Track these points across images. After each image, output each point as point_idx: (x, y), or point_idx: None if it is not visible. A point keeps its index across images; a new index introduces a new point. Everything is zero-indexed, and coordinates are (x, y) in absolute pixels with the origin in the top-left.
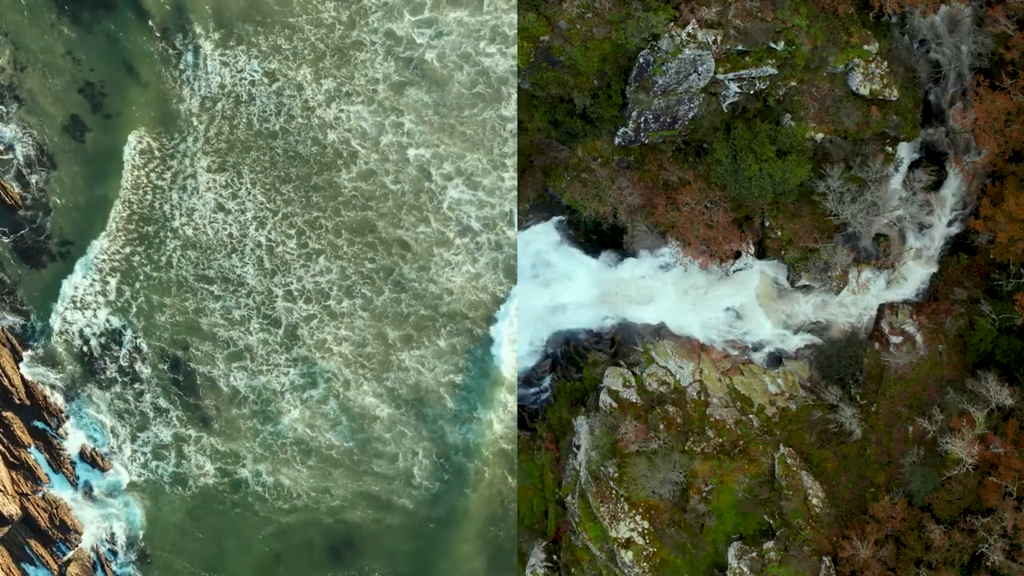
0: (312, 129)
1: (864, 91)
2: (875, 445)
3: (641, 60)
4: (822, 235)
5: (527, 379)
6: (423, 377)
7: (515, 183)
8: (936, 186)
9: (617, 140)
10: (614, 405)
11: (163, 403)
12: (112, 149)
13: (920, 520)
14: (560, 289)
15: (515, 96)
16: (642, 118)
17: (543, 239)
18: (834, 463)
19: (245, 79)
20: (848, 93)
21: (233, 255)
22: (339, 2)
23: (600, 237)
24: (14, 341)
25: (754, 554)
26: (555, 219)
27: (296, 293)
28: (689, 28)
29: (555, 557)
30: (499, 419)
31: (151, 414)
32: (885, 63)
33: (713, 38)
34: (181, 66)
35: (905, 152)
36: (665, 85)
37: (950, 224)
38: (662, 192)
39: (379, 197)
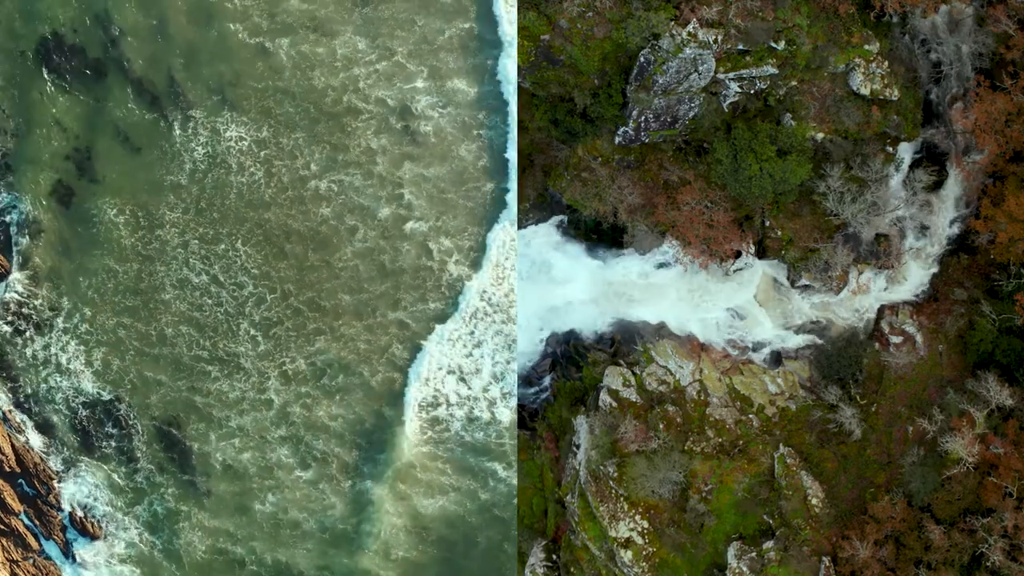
0: (305, 202)
1: (865, 91)
2: (875, 445)
3: (642, 59)
4: (822, 235)
5: (527, 378)
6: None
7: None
8: (936, 186)
9: (617, 139)
10: (614, 404)
11: (157, 477)
12: (98, 217)
13: (920, 520)
14: (560, 288)
15: (515, 100)
16: (642, 117)
17: (543, 238)
18: (834, 463)
19: (235, 148)
20: (849, 93)
21: (227, 332)
22: (328, 68)
23: (600, 236)
24: (3, 409)
25: (753, 554)
26: (555, 218)
27: (291, 373)
28: (690, 27)
29: (554, 556)
30: (497, 492)
31: (144, 486)
32: (886, 63)
33: (714, 37)
34: (170, 134)
35: (905, 152)
36: (666, 84)
37: (950, 224)
38: (662, 191)
39: (377, 277)
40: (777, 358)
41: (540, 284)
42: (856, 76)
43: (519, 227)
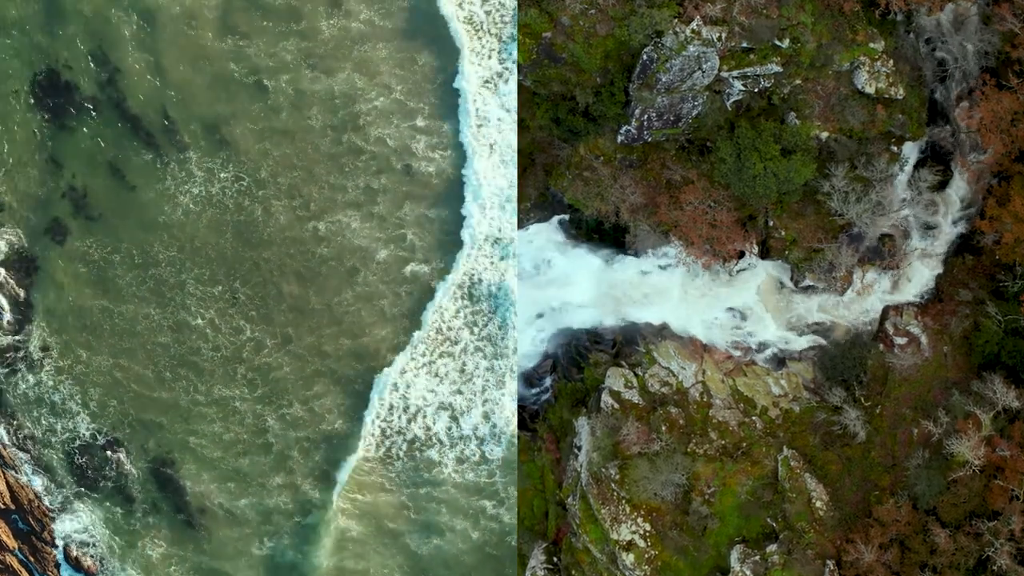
0: (305, 242)
1: (870, 89)
2: (879, 447)
3: (645, 57)
4: (826, 235)
5: (527, 379)
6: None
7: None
8: (941, 186)
9: (620, 138)
10: (616, 406)
11: (152, 519)
12: (93, 256)
13: (925, 523)
14: (561, 288)
15: (515, 92)
16: (645, 116)
17: (544, 238)
18: (838, 465)
19: (232, 188)
20: (853, 91)
21: (224, 376)
22: (327, 106)
23: (602, 236)
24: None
25: (757, 557)
26: (556, 218)
27: (289, 418)
28: (693, 25)
29: (555, 559)
30: (489, 530)
31: (139, 527)
32: (891, 61)
33: (718, 35)
34: (165, 173)
35: (910, 151)
36: (669, 82)
37: (955, 224)
38: (665, 191)
39: (378, 322)
40: (780, 359)
41: (541, 284)
42: (861, 74)
43: (519, 227)
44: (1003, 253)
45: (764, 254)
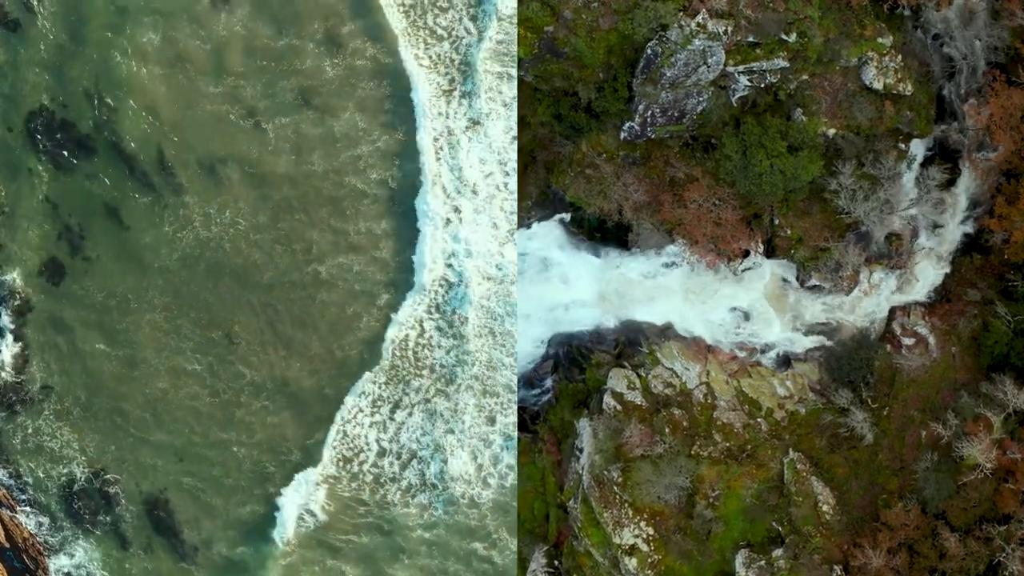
0: (306, 286)
1: (878, 85)
2: (887, 450)
3: (649, 51)
4: (833, 234)
5: (528, 380)
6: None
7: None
8: (949, 184)
9: (623, 135)
10: (618, 407)
11: (149, 564)
12: (89, 299)
13: (934, 528)
14: (562, 288)
15: (515, 88)
16: (649, 112)
17: (545, 237)
18: (845, 468)
19: (230, 232)
20: (861, 87)
21: (223, 420)
22: (328, 149)
23: (604, 235)
24: None
25: (762, 562)
26: (558, 216)
27: (289, 464)
28: (699, 18)
29: (556, 562)
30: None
31: (135, 571)
32: (899, 57)
33: (724, 28)
34: (163, 214)
35: (918, 149)
36: (673, 77)
37: (963, 223)
38: (668, 189)
39: (383, 371)
40: (786, 360)
41: (542, 283)
42: (869, 70)
43: (520, 225)
44: (1012, 252)
45: (769, 253)
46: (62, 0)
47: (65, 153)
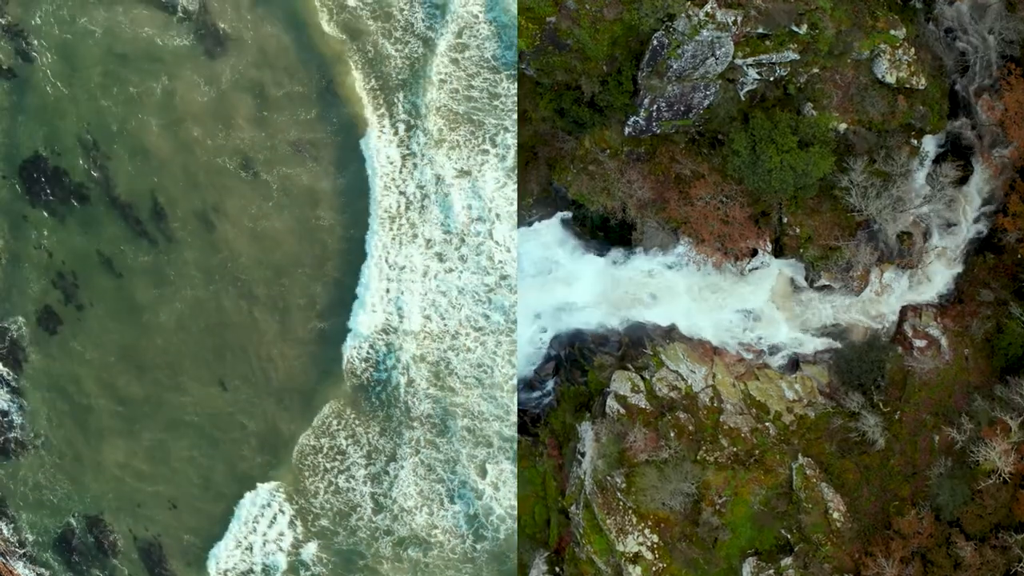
0: (307, 344)
1: (891, 79)
2: (899, 455)
3: (655, 43)
4: (843, 232)
5: (529, 382)
6: None
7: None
8: (962, 181)
9: (627, 130)
10: (622, 411)
11: None
12: (84, 352)
13: (948, 536)
14: (564, 288)
15: (515, 83)
16: (654, 106)
17: (547, 236)
18: (856, 474)
19: (230, 290)
20: (873, 81)
21: (226, 473)
22: (331, 204)
23: (608, 233)
24: None
25: (771, 571)
26: (560, 214)
27: (291, 517)
28: (708, 7)
29: (558, 569)
30: None
31: None
32: (912, 49)
33: (733, 18)
34: (160, 270)
35: (929, 145)
36: (680, 70)
37: (976, 222)
38: (674, 186)
39: (394, 425)
40: (794, 363)
41: (543, 283)
42: (882, 63)
43: (521, 223)
44: None
45: (778, 252)
46: (60, 48)
47: (57, 202)
